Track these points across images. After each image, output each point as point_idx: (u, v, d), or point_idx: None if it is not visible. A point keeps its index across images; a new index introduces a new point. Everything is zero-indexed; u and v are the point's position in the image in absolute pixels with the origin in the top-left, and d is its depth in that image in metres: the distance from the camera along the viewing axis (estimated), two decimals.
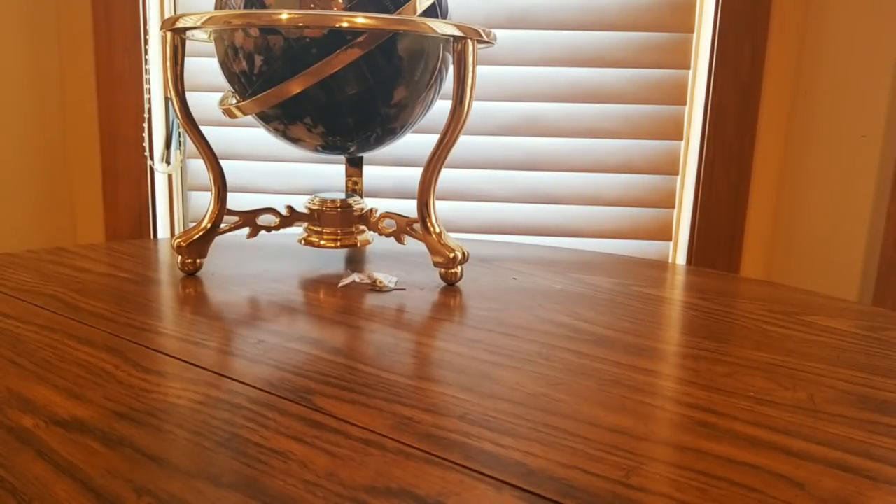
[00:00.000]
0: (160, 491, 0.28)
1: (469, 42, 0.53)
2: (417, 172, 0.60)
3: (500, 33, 0.93)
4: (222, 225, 0.61)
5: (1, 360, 0.40)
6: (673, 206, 0.97)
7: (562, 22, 0.93)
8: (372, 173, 0.98)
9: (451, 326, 0.49)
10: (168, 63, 0.55)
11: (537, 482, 0.29)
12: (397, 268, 0.65)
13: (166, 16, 0.98)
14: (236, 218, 0.63)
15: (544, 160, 0.97)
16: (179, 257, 0.60)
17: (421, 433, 0.33)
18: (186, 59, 0.57)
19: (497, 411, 0.36)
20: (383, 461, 0.31)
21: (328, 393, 0.37)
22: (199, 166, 1.01)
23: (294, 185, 0.99)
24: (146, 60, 0.96)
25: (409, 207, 0.96)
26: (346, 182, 0.70)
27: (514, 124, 0.96)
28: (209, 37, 0.59)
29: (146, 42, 0.96)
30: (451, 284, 0.60)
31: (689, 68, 0.94)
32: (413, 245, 0.64)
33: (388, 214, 0.63)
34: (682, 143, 0.96)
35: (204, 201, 1.02)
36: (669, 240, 0.98)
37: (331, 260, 0.67)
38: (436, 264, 0.59)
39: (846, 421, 0.36)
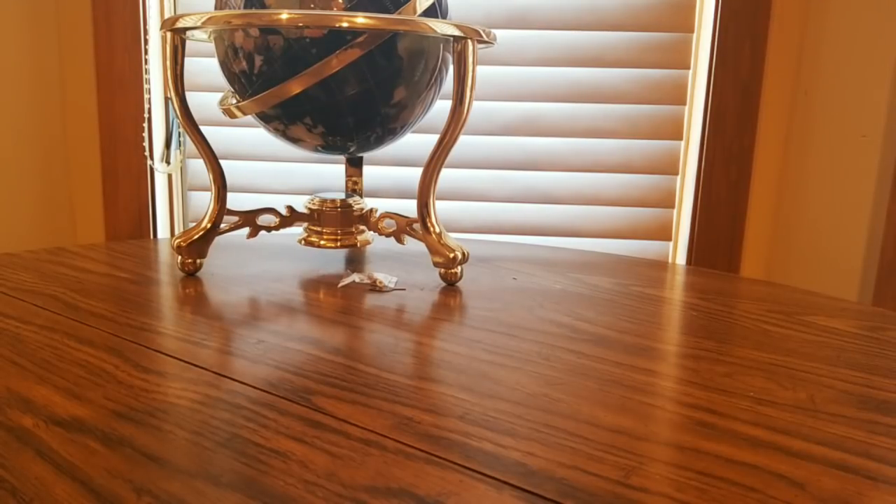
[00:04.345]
0: (160, 491, 0.28)
1: (469, 42, 0.53)
2: (417, 172, 0.60)
3: (500, 33, 0.93)
4: (222, 225, 0.61)
5: (1, 360, 0.40)
6: (673, 206, 0.97)
7: (561, 22, 0.93)
8: (372, 173, 0.98)
9: (451, 326, 0.49)
10: (168, 63, 0.55)
11: (537, 482, 0.29)
12: (397, 268, 0.65)
13: (166, 16, 0.97)
14: (236, 218, 0.63)
15: (544, 160, 0.97)
16: (179, 257, 0.60)
17: (421, 433, 0.33)
18: (186, 59, 0.57)
19: (497, 411, 0.36)
20: (383, 461, 0.31)
21: (328, 393, 0.37)
22: (199, 166, 1.01)
23: (294, 185, 1.00)
24: (146, 60, 0.96)
25: (409, 207, 0.96)
26: (346, 182, 0.70)
27: (514, 124, 0.96)
28: (209, 37, 0.59)
29: (146, 42, 0.96)
30: (451, 284, 0.60)
31: (689, 68, 0.94)
32: (413, 245, 0.64)
33: (388, 214, 0.63)
34: (682, 142, 0.96)
35: (204, 201, 1.02)
36: (669, 240, 0.98)
37: (331, 260, 0.67)
38: (436, 264, 0.59)
39: (846, 421, 0.36)
